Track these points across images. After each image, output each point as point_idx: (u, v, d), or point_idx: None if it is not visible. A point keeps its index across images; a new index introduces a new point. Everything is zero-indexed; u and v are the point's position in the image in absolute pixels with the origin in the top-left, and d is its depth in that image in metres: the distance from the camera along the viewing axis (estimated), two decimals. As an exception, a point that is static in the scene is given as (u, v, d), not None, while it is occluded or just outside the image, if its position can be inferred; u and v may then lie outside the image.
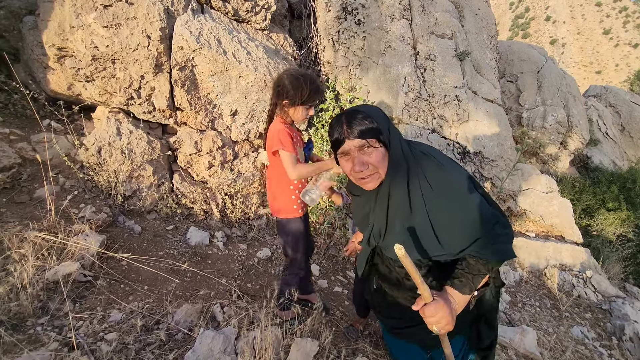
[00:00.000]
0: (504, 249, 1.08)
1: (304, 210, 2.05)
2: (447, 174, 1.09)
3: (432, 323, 1.00)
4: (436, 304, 1.00)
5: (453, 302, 1.06)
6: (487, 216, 1.07)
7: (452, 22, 4.08)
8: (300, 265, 2.14)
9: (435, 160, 1.11)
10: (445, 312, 1.00)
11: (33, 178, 2.67)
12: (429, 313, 1.00)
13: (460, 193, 1.07)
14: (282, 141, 1.79)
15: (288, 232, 2.06)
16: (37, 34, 2.87)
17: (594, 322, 3.52)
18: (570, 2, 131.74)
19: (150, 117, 3.12)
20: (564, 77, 6.85)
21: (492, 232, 1.06)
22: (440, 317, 0.99)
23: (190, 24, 3.00)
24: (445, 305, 1.01)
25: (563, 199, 4.77)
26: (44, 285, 1.90)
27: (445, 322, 1.00)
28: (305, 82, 1.77)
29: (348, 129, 1.03)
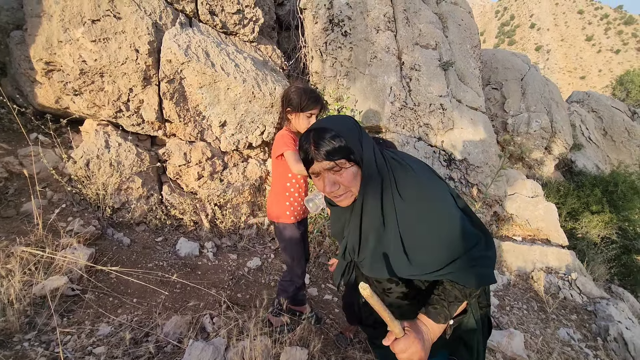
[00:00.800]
0: (483, 273, 1.00)
1: (299, 217, 2.09)
2: (422, 185, 1.02)
3: (404, 359, 0.94)
4: (406, 340, 0.94)
5: (427, 331, 0.99)
6: (466, 235, 0.99)
7: (435, 33, 4.20)
8: (296, 273, 2.17)
9: (412, 172, 1.04)
10: (417, 347, 0.94)
11: (20, 192, 2.66)
12: (399, 349, 0.94)
13: (435, 206, 1.00)
14: (286, 143, 1.94)
15: (283, 238, 2.12)
16: (25, 49, 2.88)
17: (579, 323, 3.60)
18: (554, 9, 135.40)
19: (139, 130, 3.14)
20: (546, 84, 7.04)
21: (471, 254, 0.99)
22: (412, 353, 0.93)
23: (179, 37, 3.05)
24: (417, 340, 0.95)
25: (548, 203, 4.88)
26: (31, 301, 1.89)
27: (417, 358, 0.94)
28: (306, 92, 1.97)
29: (316, 150, 0.96)
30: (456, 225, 0.99)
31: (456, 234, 0.98)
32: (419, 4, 4.35)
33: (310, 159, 0.98)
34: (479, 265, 0.99)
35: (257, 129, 3.52)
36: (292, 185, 2.04)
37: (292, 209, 2.06)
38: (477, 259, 0.99)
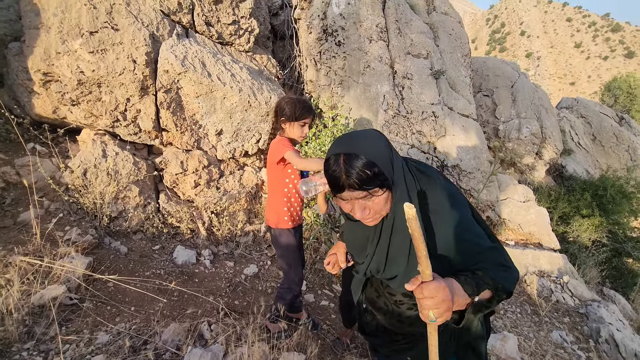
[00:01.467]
0: (511, 280, 1.00)
1: (296, 223, 2.14)
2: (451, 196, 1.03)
3: (430, 307, 0.82)
4: (438, 283, 0.83)
5: (454, 292, 0.89)
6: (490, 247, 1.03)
7: (427, 43, 4.31)
8: (294, 280, 2.20)
9: (439, 184, 1.05)
10: (447, 295, 0.83)
11: (17, 202, 2.67)
12: (428, 292, 0.82)
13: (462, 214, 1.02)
14: (285, 145, 1.97)
15: (280, 245, 2.15)
16: (23, 60, 2.91)
17: (572, 325, 3.66)
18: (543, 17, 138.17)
19: (136, 139, 3.17)
20: (536, 91, 7.20)
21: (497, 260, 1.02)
22: (441, 300, 0.82)
23: (175, 48, 3.10)
24: (447, 288, 0.84)
25: (539, 208, 4.97)
26: (29, 310, 1.90)
27: (445, 307, 0.82)
28: (299, 102, 2.02)
29: (347, 179, 0.90)
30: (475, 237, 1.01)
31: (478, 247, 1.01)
32: (410, 14, 4.46)
33: (340, 185, 0.92)
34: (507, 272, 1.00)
35: (253, 137, 3.57)
36: (289, 190, 2.09)
37: (290, 214, 2.10)
38: (506, 266, 1.01)
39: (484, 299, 0.95)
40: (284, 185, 2.08)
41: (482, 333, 1.18)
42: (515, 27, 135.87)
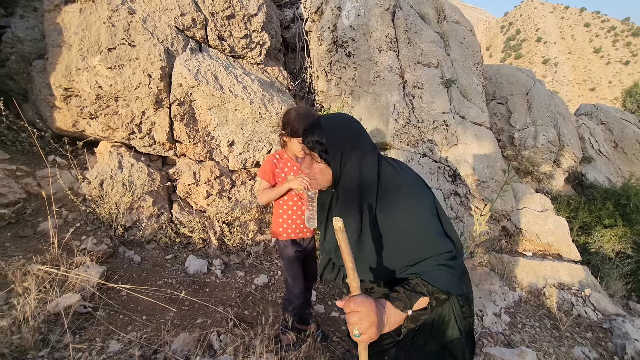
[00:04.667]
0: (446, 278, 1.02)
1: (294, 235, 2.14)
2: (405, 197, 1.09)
3: (354, 322, 0.86)
4: (363, 299, 0.88)
5: (383, 312, 0.94)
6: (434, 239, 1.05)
7: (437, 52, 4.30)
8: (293, 292, 2.20)
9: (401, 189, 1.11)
10: (372, 310, 0.87)
11: (37, 212, 2.77)
12: (354, 305, 0.87)
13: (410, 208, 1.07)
14: (261, 169, 2.08)
15: (281, 255, 2.18)
16: (45, 76, 3.06)
17: (595, 341, 3.49)
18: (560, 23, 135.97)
19: (151, 150, 3.26)
20: (552, 98, 7.05)
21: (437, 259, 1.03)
22: (365, 315, 0.86)
23: (189, 62, 3.20)
24: (374, 305, 0.89)
25: (558, 217, 4.81)
26: (45, 318, 1.95)
27: (368, 324, 0.86)
28: (301, 118, 1.93)
29: (304, 134, 1.15)
30: (426, 228, 1.06)
31: (425, 236, 1.05)
32: (420, 24, 4.47)
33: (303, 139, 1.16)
34: (446, 272, 1.02)
35: (264, 148, 3.62)
36: (284, 203, 2.12)
37: (286, 226, 2.13)
38: (445, 266, 1.03)
39: (420, 308, 1.02)
40: (280, 197, 2.11)
41: (457, 335, 1.20)
42: (531, 34, 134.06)
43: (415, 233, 1.05)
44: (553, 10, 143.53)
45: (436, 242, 1.05)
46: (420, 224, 1.06)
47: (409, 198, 1.09)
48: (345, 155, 1.11)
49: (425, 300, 1.01)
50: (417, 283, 1.01)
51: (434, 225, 1.08)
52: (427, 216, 1.08)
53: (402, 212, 1.07)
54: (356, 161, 1.11)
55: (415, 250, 1.05)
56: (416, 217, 1.06)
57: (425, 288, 1.00)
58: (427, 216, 1.07)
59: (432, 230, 1.06)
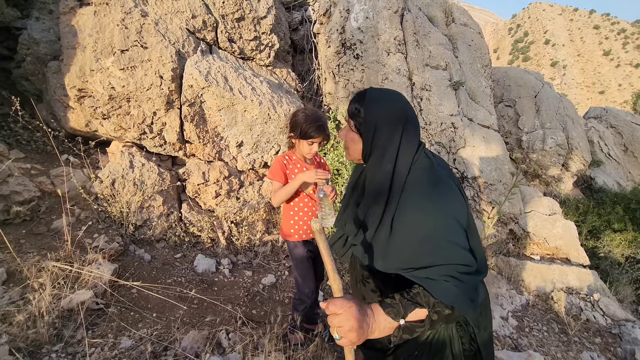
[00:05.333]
0: (454, 293, 0.91)
1: (305, 236, 2.16)
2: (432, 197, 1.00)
3: (334, 325, 0.84)
4: (345, 301, 0.84)
5: (370, 315, 0.89)
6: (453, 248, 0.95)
7: (445, 54, 4.30)
8: (304, 292, 2.21)
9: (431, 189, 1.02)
10: (352, 315, 0.83)
11: (51, 210, 2.83)
12: (332, 308, 0.84)
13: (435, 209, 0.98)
14: (271, 170, 2.08)
15: (291, 256, 2.20)
16: (60, 77, 3.12)
17: (604, 347, 3.46)
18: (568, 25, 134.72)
19: (161, 150, 3.31)
20: (561, 101, 7.00)
21: (449, 269, 0.93)
22: (344, 319, 0.82)
23: (200, 63, 3.24)
24: (355, 309, 0.84)
25: (566, 221, 4.77)
26: (59, 313, 2.00)
27: (348, 328, 0.82)
28: (310, 120, 1.96)
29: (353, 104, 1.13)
30: (443, 233, 0.96)
31: (439, 242, 0.95)
32: (429, 27, 4.48)
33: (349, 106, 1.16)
34: (453, 284, 0.92)
35: (272, 149, 3.65)
36: (295, 204, 2.13)
37: (297, 227, 2.14)
38: (453, 278, 0.92)
39: (417, 320, 0.93)
40: (291, 199, 2.12)
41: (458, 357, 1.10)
42: (539, 36, 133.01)
43: (428, 235, 0.96)
44: (562, 13, 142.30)
45: (452, 251, 0.94)
46: (439, 228, 0.96)
47: (435, 197, 1.00)
48: (378, 132, 1.05)
49: (423, 312, 0.93)
50: (418, 293, 0.93)
51: (457, 234, 0.97)
52: (450, 222, 0.97)
53: (423, 209, 0.98)
54: (391, 141, 1.04)
55: (424, 254, 0.96)
56: (436, 219, 0.97)
57: (425, 299, 0.92)
58: (450, 222, 0.97)
59: (449, 238, 0.95)
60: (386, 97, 1.09)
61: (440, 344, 1.08)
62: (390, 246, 1.02)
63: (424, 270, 0.95)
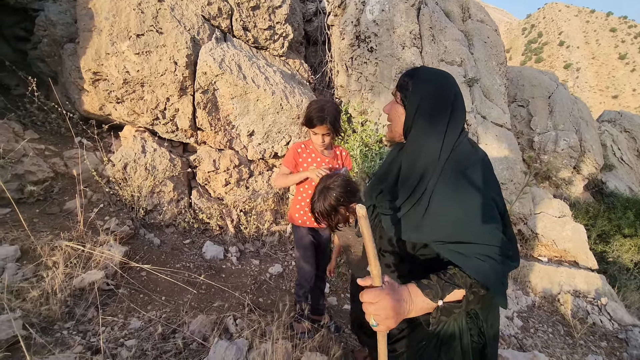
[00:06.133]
0: (490, 274, 0.91)
1: (310, 223, 2.17)
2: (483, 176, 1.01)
3: (370, 312, 0.86)
4: (380, 292, 0.85)
5: (407, 299, 0.89)
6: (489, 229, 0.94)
7: (461, 50, 4.24)
8: (304, 277, 2.23)
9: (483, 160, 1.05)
10: (387, 304, 0.84)
11: (63, 191, 2.86)
12: (368, 298, 0.86)
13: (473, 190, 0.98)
14: (285, 157, 2.12)
15: (294, 239, 2.22)
16: (76, 60, 3.13)
17: (609, 351, 3.43)
18: (584, 27, 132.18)
19: (173, 136, 3.32)
20: (575, 103, 6.89)
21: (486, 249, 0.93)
22: (380, 308, 0.84)
23: (214, 51, 3.23)
24: (390, 297, 0.85)
25: (576, 224, 4.72)
26: (71, 292, 2.02)
27: (384, 315, 0.84)
28: (315, 110, 1.96)
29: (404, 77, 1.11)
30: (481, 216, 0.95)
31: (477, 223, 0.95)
32: (445, 21, 4.41)
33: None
34: (488, 264, 0.92)
35: (282, 139, 3.64)
36: (304, 190, 2.15)
37: (302, 212, 2.16)
38: (490, 258, 0.93)
39: (454, 300, 0.94)
40: (300, 184, 2.15)
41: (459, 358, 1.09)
42: (553, 37, 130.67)
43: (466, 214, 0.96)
44: (578, 14, 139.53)
45: (488, 233, 0.94)
46: (477, 208, 0.96)
47: (476, 179, 0.99)
48: (420, 110, 1.06)
49: (460, 293, 0.93)
50: (455, 274, 0.93)
51: (494, 217, 0.97)
52: (489, 205, 0.97)
53: (463, 189, 0.98)
54: (437, 119, 1.04)
55: (461, 232, 0.96)
56: (475, 200, 0.97)
57: (462, 280, 0.92)
58: (488, 205, 0.97)
59: (487, 220, 0.95)
60: (439, 76, 1.11)
61: (449, 336, 1.08)
62: (426, 220, 1.01)
63: (458, 245, 0.95)
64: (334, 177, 1.74)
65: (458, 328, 1.08)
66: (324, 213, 1.71)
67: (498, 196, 1.04)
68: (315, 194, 1.73)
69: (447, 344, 1.07)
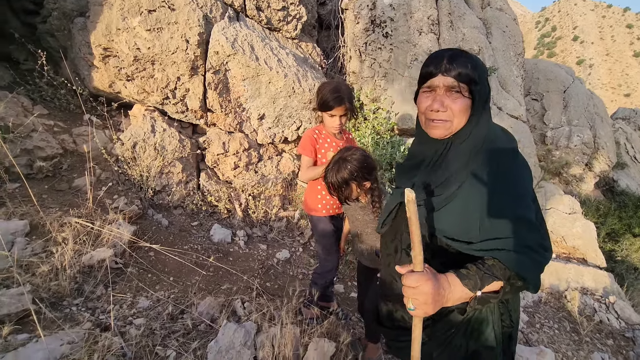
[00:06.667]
0: (530, 265, 0.90)
1: (332, 211, 2.12)
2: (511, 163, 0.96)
3: (409, 296, 0.86)
4: (422, 276, 0.86)
5: (447, 287, 0.89)
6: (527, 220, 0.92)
7: (479, 39, 4.12)
8: (327, 267, 2.19)
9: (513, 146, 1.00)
10: (428, 289, 0.85)
11: (72, 168, 2.83)
12: (409, 281, 0.86)
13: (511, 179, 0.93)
14: (304, 145, 2.00)
15: (316, 231, 2.16)
16: (86, 34, 3.06)
17: (616, 349, 3.40)
18: (600, 22, 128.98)
19: (183, 117, 3.27)
20: (591, 98, 6.73)
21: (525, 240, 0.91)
22: (420, 292, 0.85)
23: (227, 30, 3.15)
24: (432, 283, 0.86)
25: (586, 221, 4.66)
26: (80, 269, 2.01)
27: (423, 300, 0.85)
28: (331, 90, 1.88)
29: (448, 64, 0.93)
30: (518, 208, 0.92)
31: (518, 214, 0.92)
32: (464, 8, 4.27)
33: (435, 73, 0.95)
34: (529, 257, 0.90)
35: (293, 124, 3.57)
36: (322, 177, 2.07)
37: (325, 202, 2.10)
38: (530, 249, 0.91)
39: (491, 291, 0.93)
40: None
41: (492, 344, 1.07)
42: (567, 32, 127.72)
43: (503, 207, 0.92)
44: (594, 8, 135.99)
45: (527, 226, 0.92)
46: (515, 200, 0.93)
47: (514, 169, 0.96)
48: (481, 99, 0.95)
49: (498, 284, 0.92)
50: (493, 265, 0.91)
51: (530, 208, 0.94)
52: (525, 196, 0.94)
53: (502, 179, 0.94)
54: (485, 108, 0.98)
55: (499, 225, 0.92)
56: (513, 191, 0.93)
57: (501, 272, 0.90)
58: (524, 196, 0.94)
59: (523, 211, 0.92)
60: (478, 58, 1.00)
61: (480, 322, 1.06)
62: (462, 214, 0.97)
63: (498, 241, 0.92)
64: (352, 149, 1.67)
65: (490, 314, 1.06)
66: (335, 184, 1.65)
67: (531, 184, 0.99)
68: (330, 163, 1.66)
69: (478, 330, 1.06)
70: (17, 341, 1.51)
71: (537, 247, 0.92)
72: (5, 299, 1.59)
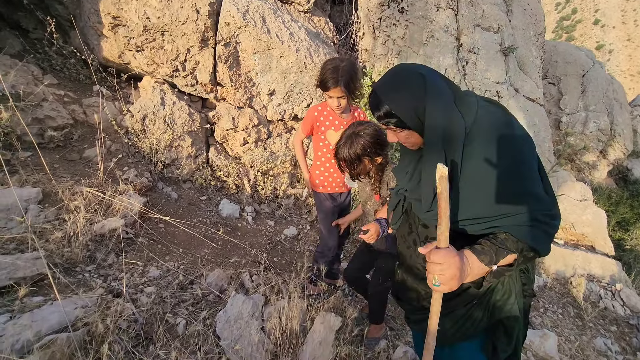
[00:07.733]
0: (540, 236, 0.93)
1: (330, 189, 2.11)
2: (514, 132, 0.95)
3: (435, 272, 0.89)
4: (449, 252, 0.88)
5: (467, 264, 0.92)
6: (534, 193, 0.93)
7: (499, 16, 3.95)
8: (327, 245, 2.20)
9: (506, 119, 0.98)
10: (455, 264, 0.88)
11: (83, 139, 2.83)
12: (436, 258, 0.88)
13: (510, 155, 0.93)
14: (304, 122, 2.06)
15: (317, 208, 2.18)
16: (95, 2, 2.99)
17: (619, 335, 3.42)
18: (623, 6, 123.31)
19: (192, 90, 3.22)
20: (611, 83, 6.51)
21: (534, 214, 0.92)
22: (447, 267, 0.87)
23: (238, 1, 3.06)
24: (458, 258, 0.89)
25: (597, 209, 4.59)
26: (92, 237, 2.03)
27: (449, 275, 0.87)
28: (330, 70, 1.81)
29: (374, 113, 1.01)
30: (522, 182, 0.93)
31: (520, 188, 0.93)
32: (485, -17, 4.09)
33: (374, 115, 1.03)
34: (541, 230, 0.93)
35: (304, 101, 3.52)
36: (323, 155, 2.08)
37: (322, 178, 2.11)
38: (539, 221, 0.92)
39: (505, 264, 0.97)
40: (319, 149, 2.08)
41: (516, 313, 1.10)
42: (588, 15, 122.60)
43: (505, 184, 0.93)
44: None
45: (533, 199, 0.93)
46: (514, 175, 0.93)
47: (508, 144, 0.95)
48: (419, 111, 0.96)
49: (512, 257, 0.95)
50: (506, 239, 0.93)
51: (533, 180, 0.95)
52: (525, 168, 0.94)
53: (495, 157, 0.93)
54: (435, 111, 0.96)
55: (505, 203, 0.93)
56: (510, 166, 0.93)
57: (514, 245, 0.93)
58: (524, 168, 0.94)
59: (526, 184, 0.93)
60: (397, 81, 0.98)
61: (503, 293, 1.08)
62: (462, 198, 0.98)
63: (506, 219, 0.94)
64: (365, 124, 1.62)
65: (513, 284, 1.09)
66: (347, 160, 1.60)
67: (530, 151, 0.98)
68: (342, 138, 1.61)
69: (502, 301, 1.09)
70: (33, 303, 1.55)
71: (546, 218, 0.93)
72: (21, 262, 1.62)
